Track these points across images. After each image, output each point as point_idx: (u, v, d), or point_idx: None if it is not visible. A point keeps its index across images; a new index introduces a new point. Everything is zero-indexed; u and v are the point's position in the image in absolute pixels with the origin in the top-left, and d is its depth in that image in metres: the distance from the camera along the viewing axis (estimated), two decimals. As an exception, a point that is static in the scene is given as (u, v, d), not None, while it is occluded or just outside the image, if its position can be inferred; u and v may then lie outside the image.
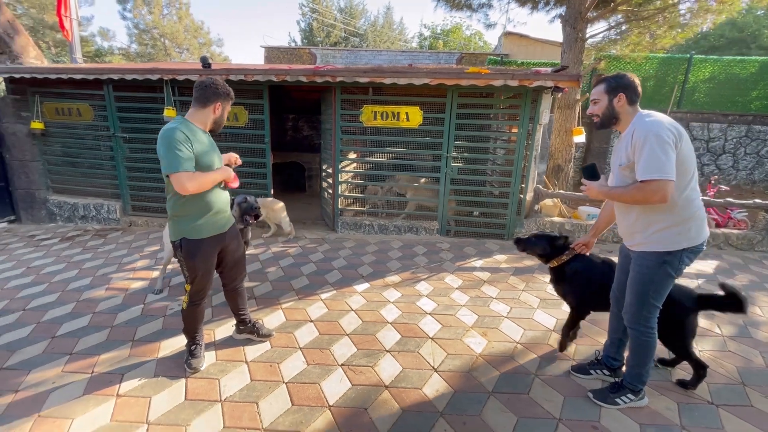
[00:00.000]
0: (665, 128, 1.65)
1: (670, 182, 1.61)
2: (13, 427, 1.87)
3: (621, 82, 1.82)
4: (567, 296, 2.47)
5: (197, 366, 2.29)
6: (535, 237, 2.47)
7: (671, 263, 1.80)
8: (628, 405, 2.02)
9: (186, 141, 1.90)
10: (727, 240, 4.69)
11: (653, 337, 1.93)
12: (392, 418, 1.97)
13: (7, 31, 5.02)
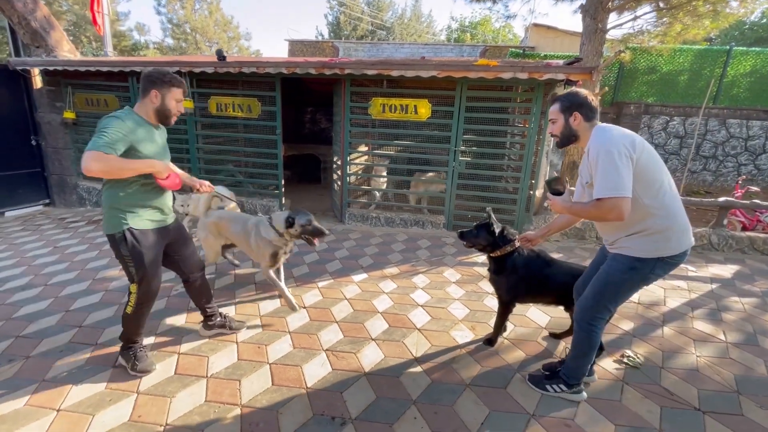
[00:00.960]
0: (616, 143, 1.61)
1: (625, 199, 1.58)
2: (21, 386, 2.05)
3: (575, 101, 1.81)
4: (501, 288, 2.43)
5: (148, 368, 2.18)
6: (476, 228, 2.43)
7: (640, 270, 1.77)
8: (558, 394, 2.05)
9: (122, 126, 1.81)
10: (752, 244, 4.41)
11: (595, 336, 1.94)
12: (365, 403, 2.02)
13: (43, 26, 5.36)
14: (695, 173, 8.48)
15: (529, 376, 2.20)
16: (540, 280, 2.35)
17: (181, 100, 2.05)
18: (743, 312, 3.11)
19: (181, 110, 2.09)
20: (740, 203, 4.41)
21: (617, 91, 8.44)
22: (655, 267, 1.76)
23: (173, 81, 1.99)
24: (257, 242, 2.79)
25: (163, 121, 2.05)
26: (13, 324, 2.66)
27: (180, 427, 1.83)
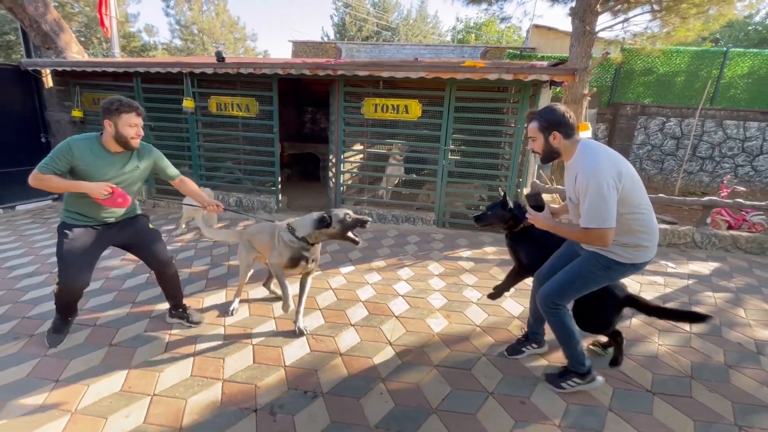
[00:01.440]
0: (605, 176, 1.69)
1: (611, 229, 1.71)
2: (25, 360, 2.25)
3: (552, 121, 1.84)
4: (522, 256, 2.45)
5: (52, 342, 2.36)
6: (491, 207, 2.47)
7: (615, 271, 1.91)
8: (576, 389, 2.08)
9: (65, 154, 2.06)
10: (735, 242, 4.49)
11: (561, 316, 2.03)
12: (337, 380, 2.18)
13: (53, 28, 5.61)
14: (692, 174, 8.51)
15: (545, 375, 2.21)
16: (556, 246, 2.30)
17: (135, 124, 2.14)
18: (714, 306, 3.22)
19: (140, 133, 2.20)
20: (723, 202, 4.49)
21: (614, 92, 8.51)
22: (627, 270, 1.92)
23: (121, 108, 2.09)
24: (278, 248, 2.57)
25: (124, 145, 2.16)
26: (20, 306, 2.87)
27: (166, 396, 2.01)
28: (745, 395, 2.15)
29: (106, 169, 2.18)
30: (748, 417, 1.99)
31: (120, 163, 2.24)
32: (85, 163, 2.12)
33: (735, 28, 16.49)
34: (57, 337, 2.42)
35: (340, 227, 2.40)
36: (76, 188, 2.10)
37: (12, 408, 1.90)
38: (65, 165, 2.09)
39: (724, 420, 1.96)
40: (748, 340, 2.72)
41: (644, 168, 8.72)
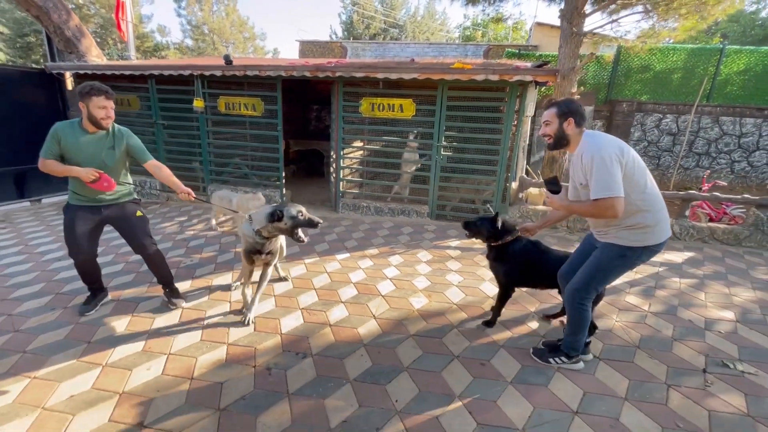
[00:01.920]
0: (608, 150, 1.83)
1: (620, 198, 1.80)
2: (61, 326, 2.65)
3: (570, 108, 2.01)
4: (500, 273, 2.66)
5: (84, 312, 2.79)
6: (480, 221, 2.66)
7: (629, 258, 2.01)
8: (560, 366, 2.30)
9: (53, 137, 2.41)
10: (712, 234, 4.72)
11: (586, 312, 2.18)
12: (325, 345, 2.53)
13: (75, 34, 6.05)
14: (688, 170, 8.65)
15: (533, 350, 2.41)
16: (536, 265, 2.58)
17: (104, 106, 2.42)
18: (676, 290, 3.48)
19: (111, 115, 2.48)
20: (701, 195, 4.71)
21: (611, 90, 8.67)
22: (642, 254, 2.00)
23: (92, 92, 2.38)
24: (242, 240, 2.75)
25: (97, 125, 2.46)
26: (53, 284, 3.28)
27: (180, 355, 2.39)
28: (681, 361, 2.45)
29: (86, 147, 2.48)
30: (678, 378, 2.28)
31: (99, 144, 2.53)
32: (68, 142, 2.44)
33: (741, 23, 16.35)
34: (87, 308, 2.83)
35: (291, 223, 2.48)
36: (70, 173, 2.46)
37: (54, 362, 2.29)
38: (55, 146, 2.43)
39: (656, 380, 2.26)
40: (700, 318, 2.99)
41: (641, 164, 8.87)
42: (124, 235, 2.81)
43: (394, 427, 1.87)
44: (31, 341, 2.48)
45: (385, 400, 2.04)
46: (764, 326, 2.91)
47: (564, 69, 5.51)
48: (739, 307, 3.19)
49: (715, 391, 2.18)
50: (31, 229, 4.72)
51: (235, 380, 2.18)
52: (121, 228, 2.78)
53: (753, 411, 2.04)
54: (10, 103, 5.63)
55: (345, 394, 2.08)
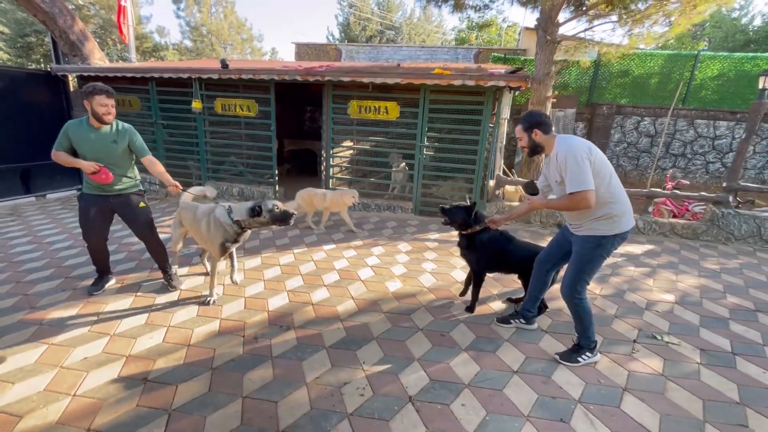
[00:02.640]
0: (579, 150, 2.09)
1: (591, 191, 2.05)
2: (72, 300, 2.98)
3: (532, 120, 2.29)
4: (472, 261, 2.97)
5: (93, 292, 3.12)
6: (455, 208, 2.93)
7: (605, 246, 2.24)
8: (587, 362, 2.43)
9: (65, 133, 2.78)
10: (673, 229, 5.09)
11: (585, 304, 2.37)
12: (307, 320, 2.87)
13: (79, 38, 6.36)
14: (665, 170, 9.03)
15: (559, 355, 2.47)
16: (503, 253, 2.88)
17: (105, 104, 2.75)
18: (629, 277, 3.85)
19: (111, 111, 2.81)
20: (663, 193, 5.08)
21: (592, 93, 9.06)
22: (614, 241, 2.23)
23: (93, 91, 2.72)
24: (210, 229, 2.92)
25: (100, 121, 2.79)
26: (62, 270, 3.61)
27: (178, 327, 2.73)
28: (617, 334, 2.81)
29: (93, 142, 2.83)
30: (609, 347, 2.64)
31: (104, 138, 2.86)
32: (77, 136, 2.81)
33: (724, 30, 16.81)
34: (95, 288, 3.16)
35: (269, 216, 2.77)
36: (75, 164, 2.82)
37: (68, 331, 2.63)
38: (66, 141, 2.82)
39: (591, 348, 2.61)
40: (643, 300, 3.36)
41: (621, 164, 9.27)
42: (127, 222, 3.15)
43: (359, 382, 2.22)
44: (47, 315, 2.81)
45: (354, 362, 2.39)
46: (698, 307, 3.27)
47: (540, 74, 5.88)
48: (681, 292, 3.56)
49: (639, 357, 2.54)
50: (38, 222, 5.05)
51: (227, 347, 2.52)
52: (125, 215, 3.11)
53: (666, 372, 2.40)
54: (18, 103, 5.95)
55: (320, 358, 2.43)
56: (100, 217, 3.02)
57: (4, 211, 5.52)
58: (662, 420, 2.00)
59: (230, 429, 1.87)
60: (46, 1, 5.82)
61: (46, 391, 2.08)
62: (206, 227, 2.93)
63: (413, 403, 2.07)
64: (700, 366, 2.47)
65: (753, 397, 2.20)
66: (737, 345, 2.73)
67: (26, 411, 1.94)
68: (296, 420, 1.93)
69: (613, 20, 6.22)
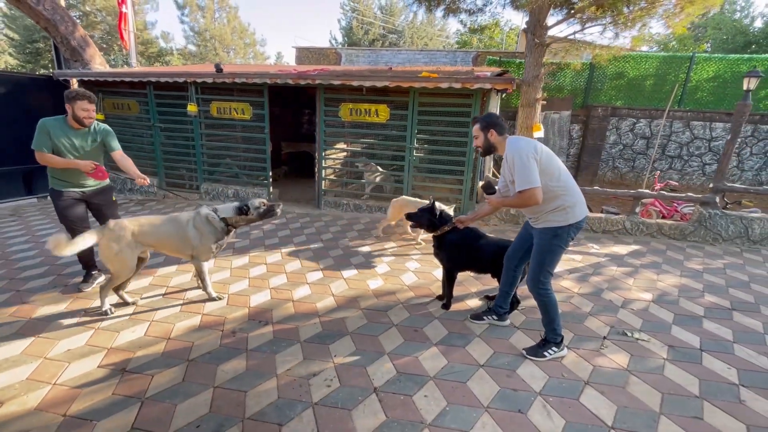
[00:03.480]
0: (523, 149, 2.23)
1: (537, 188, 2.19)
2: (64, 297, 3.09)
3: (489, 121, 2.43)
4: (443, 260, 3.05)
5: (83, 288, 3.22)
6: (420, 211, 3.12)
7: (561, 236, 2.34)
8: (553, 356, 2.48)
9: (41, 131, 2.85)
10: (660, 229, 5.11)
11: (550, 295, 2.44)
12: (285, 315, 2.95)
13: (80, 44, 6.55)
14: (662, 171, 9.03)
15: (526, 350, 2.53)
16: (473, 250, 2.96)
17: (86, 108, 2.88)
18: (610, 277, 3.89)
19: (92, 116, 2.95)
20: (650, 194, 5.11)
21: (587, 95, 9.09)
22: (569, 231, 2.34)
23: (76, 96, 2.87)
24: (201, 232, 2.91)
25: (80, 123, 2.94)
26: (55, 267, 3.73)
27: (160, 322, 2.82)
28: (588, 331, 2.86)
29: (73, 141, 2.97)
30: (579, 343, 2.69)
31: (83, 137, 3.03)
32: (56, 136, 2.91)
33: (724, 31, 16.71)
34: (85, 285, 3.28)
35: (256, 213, 2.97)
36: (73, 165, 2.94)
37: (55, 326, 2.74)
38: (46, 139, 2.87)
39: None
40: (619, 298, 3.40)
41: (617, 166, 9.28)
42: (99, 215, 3.28)
43: (328, 373, 2.29)
44: (36, 310, 2.93)
45: (325, 355, 2.47)
46: (674, 305, 3.31)
47: (529, 77, 5.94)
48: (659, 291, 3.59)
49: (606, 353, 2.59)
50: (37, 223, 5.20)
51: (204, 340, 2.61)
52: (98, 211, 3.27)
53: (631, 367, 2.45)
54: (21, 107, 6.13)
55: (294, 351, 2.51)
56: (79, 213, 3.16)
57: (6, 212, 5.68)
58: (618, 412, 2.05)
59: (198, 416, 1.96)
60: (47, 8, 6.01)
61: (28, 380, 2.19)
62: (195, 231, 2.91)
63: (377, 393, 2.14)
64: (665, 361, 2.51)
65: (713, 391, 2.24)
66: (706, 342, 2.76)
67: (8, 398, 2.05)
68: (262, 408, 2.01)
69: (604, 23, 6.28)
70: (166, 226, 2.93)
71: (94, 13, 18.16)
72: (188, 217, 2.98)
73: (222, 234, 3.00)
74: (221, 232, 2.98)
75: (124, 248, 2.75)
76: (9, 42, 20.49)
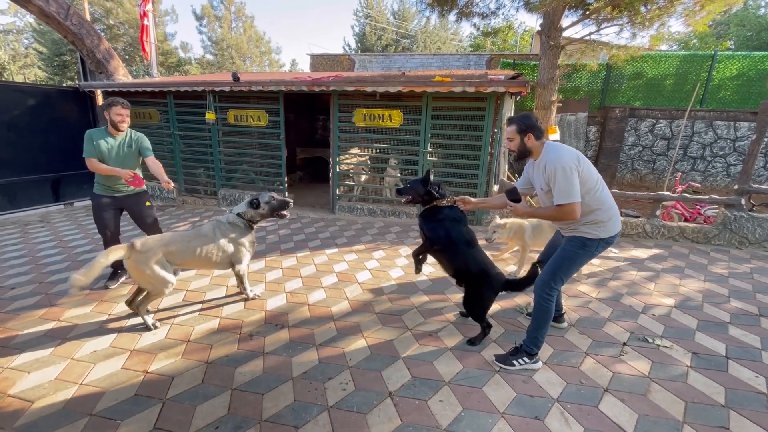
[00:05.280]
0: (566, 159, 2.12)
1: (578, 203, 2.11)
2: (87, 303, 3.21)
3: (528, 124, 2.27)
4: (429, 231, 2.70)
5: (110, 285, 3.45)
6: (411, 182, 2.78)
7: (589, 247, 2.27)
8: (523, 366, 2.37)
9: (89, 140, 3.17)
10: (682, 233, 4.97)
11: (551, 304, 2.34)
12: (301, 319, 2.99)
13: (105, 57, 6.82)
14: (684, 173, 8.77)
15: (495, 357, 2.47)
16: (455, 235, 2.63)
17: (120, 113, 3.17)
18: (630, 281, 3.80)
19: (126, 120, 3.22)
20: (670, 196, 4.97)
21: (604, 96, 8.93)
22: (599, 245, 2.27)
23: (111, 103, 3.19)
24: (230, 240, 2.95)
25: (116, 128, 3.22)
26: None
27: (180, 325, 2.90)
28: (607, 336, 2.80)
29: (112, 148, 3.25)
30: (597, 348, 2.64)
31: (120, 143, 3.30)
32: (98, 143, 3.21)
33: (748, 27, 16.16)
34: (111, 282, 3.48)
35: (267, 207, 3.04)
36: (114, 172, 3.22)
37: (81, 328, 2.84)
38: (92, 147, 3.18)
39: (577, 349, 2.62)
40: (640, 303, 3.32)
41: (636, 168, 9.07)
42: (136, 219, 3.51)
43: (343, 377, 2.31)
44: (64, 313, 3.04)
45: (340, 359, 2.49)
46: (697, 311, 3.21)
47: (544, 79, 5.89)
48: (682, 296, 3.49)
49: (626, 359, 2.53)
50: (64, 228, 5.40)
51: (223, 343, 2.66)
52: (133, 213, 3.49)
53: (652, 374, 2.38)
54: (49, 117, 6.41)
55: (309, 354, 2.54)
56: (111, 215, 3.38)
57: (35, 218, 5.93)
58: (639, 420, 2.00)
59: (217, 417, 2.00)
60: (74, 23, 6.28)
61: (57, 380, 2.27)
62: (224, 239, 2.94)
63: (392, 398, 2.14)
64: (689, 369, 2.44)
65: (740, 400, 2.16)
66: (732, 349, 2.67)
67: (38, 397, 2.13)
68: (279, 411, 2.04)
69: (622, 23, 6.18)
70: (194, 242, 2.88)
71: (117, 26, 18.85)
72: (212, 228, 2.98)
73: (247, 231, 3.07)
74: (246, 229, 3.06)
75: (156, 267, 2.69)
76: (38, 56, 21.45)
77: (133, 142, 3.38)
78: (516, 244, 4.05)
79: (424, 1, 7.04)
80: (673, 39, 5.58)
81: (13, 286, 3.52)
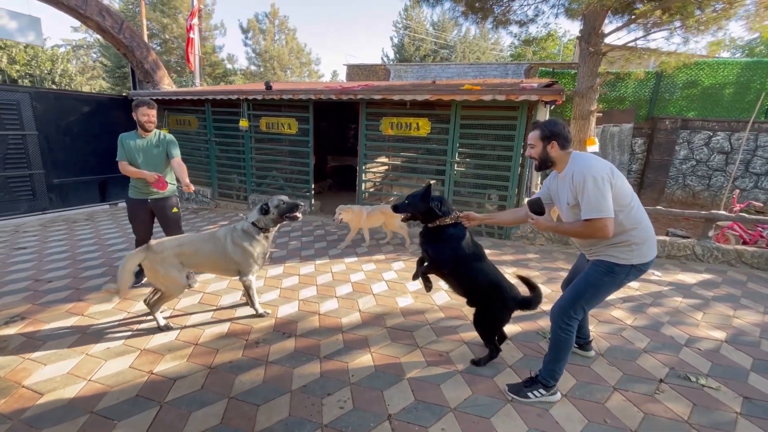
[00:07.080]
0: (599, 170, 1.87)
1: (610, 219, 1.84)
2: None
3: (553, 131, 2.03)
4: (433, 253, 2.48)
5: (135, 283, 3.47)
6: (409, 196, 2.51)
7: (617, 275, 2.01)
8: (539, 399, 2.15)
9: (120, 143, 3.31)
10: (740, 257, 4.44)
11: (571, 335, 2.10)
12: (309, 329, 2.92)
13: (152, 67, 7.27)
14: (745, 191, 7.96)
15: (508, 387, 2.25)
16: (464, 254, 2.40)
17: (146, 113, 3.28)
18: (673, 309, 3.41)
19: (152, 120, 3.33)
20: (725, 216, 4.47)
21: (653, 106, 8.33)
22: (629, 273, 2.00)
23: (138, 104, 3.30)
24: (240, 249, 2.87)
25: (143, 128, 3.33)
26: (113, 269, 4.05)
27: (191, 327, 2.92)
28: (641, 370, 2.49)
29: (140, 148, 3.35)
30: (628, 384, 2.35)
31: (149, 144, 3.40)
32: (129, 145, 3.33)
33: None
34: (137, 280, 3.56)
35: (276, 212, 2.91)
36: (139, 175, 3.33)
37: (101, 324, 2.94)
38: (122, 150, 3.32)
39: (604, 383, 2.35)
40: (683, 335, 2.95)
41: (688, 184, 8.34)
42: (161, 223, 3.60)
43: (342, 393, 2.20)
44: (89, 308, 3.17)
45: (342, 374, 2.38)
46: (753, 348, 2.81)
47: (582, 88, 5.56)
48: (735, 329, 3.08)
49: (662, 399, 2.23)
50: (106, 227, 5.74)
51: (229, 348, 2.65)
52: (160, 217, 3.57)
53: (694, 419, 2.08)
54: (99, 123, 6.89)
55: (311, 366, 2.46)
56: (143, 217, 3.51)
57: (82, 216, 6.36)
58: (672, 473, 1.73)
59: (209, 426, 1.95)
60: (126, 36, 6.75)
61: (68, 374, 2.34)
62: (234, 246, 2.88)
63: (391, 421, 2.00)
64: (738, 416, 2.11)
65: (802, 461, 1.82)
66: (795, 396, 2.29)
67: (48, 390, 2.20)
68: (271, 425, 1.97)
69: (671, 28, 5.74)
70: (206, 245, 2.89)
71: (172, 39, 20.27)
72: (225, 233, 2.95)
73: (261, 240, 2.94)
74: (259, 238, 2.93)
75: (168, 268, 2.72)
76: (103, 68, 23.48)
77: (161, 142, 3.47)
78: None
79: (459, 9, 6.93)
80: (737, 45, 5.05)
81: (50, 280, 3.73)
